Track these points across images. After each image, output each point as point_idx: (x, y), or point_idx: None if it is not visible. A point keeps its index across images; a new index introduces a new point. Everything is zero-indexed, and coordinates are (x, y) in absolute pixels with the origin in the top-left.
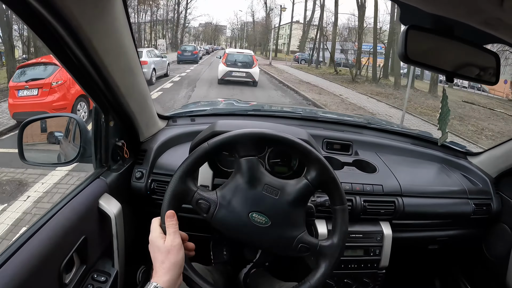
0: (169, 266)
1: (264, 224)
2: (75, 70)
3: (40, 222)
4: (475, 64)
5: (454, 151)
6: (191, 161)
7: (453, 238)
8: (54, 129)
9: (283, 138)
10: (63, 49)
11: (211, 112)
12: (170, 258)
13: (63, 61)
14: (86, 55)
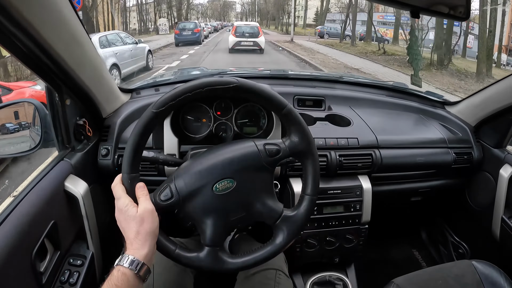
0: (145, 237)
1: (232, 187)
2: (12, 46)
3: (5, 212)
4: (445, 2)
5: (431, 101)
6: (138, 131)
7: (435, 189)
8: (4, 120)
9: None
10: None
11: (175, 80)
12: (146, 227)
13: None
14: (19, 29)
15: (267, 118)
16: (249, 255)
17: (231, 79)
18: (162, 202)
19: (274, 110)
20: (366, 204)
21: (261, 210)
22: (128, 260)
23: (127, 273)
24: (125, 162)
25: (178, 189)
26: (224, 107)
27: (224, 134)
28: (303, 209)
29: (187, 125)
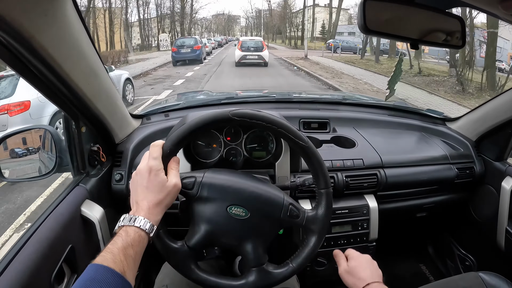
0: (164, 208)
1: (244, 217)
2: (36, 81)
3: (26, 236)
4: (440, 29)
5: (432, 118)
6: (207, 119)
7: (440, 204)
8: (13, 146)
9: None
10: (20, 61)
11: (184, 105)
12: (168, 199)
13: (22, 73)
14: (44, 65)
15: (276, 143)
16: (290, 264)
17: (303, 137)
18: (182, 187)
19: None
20: (373, 222)
21: (249, 251)
22: (145, 223)
23: (143, 235)
24: (176, 134)
25: (201, 186)
26: (233, 133)
27: (234, 159)
28: (282, 273)
29: (198, 150)
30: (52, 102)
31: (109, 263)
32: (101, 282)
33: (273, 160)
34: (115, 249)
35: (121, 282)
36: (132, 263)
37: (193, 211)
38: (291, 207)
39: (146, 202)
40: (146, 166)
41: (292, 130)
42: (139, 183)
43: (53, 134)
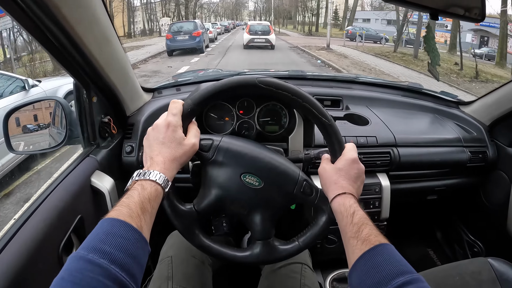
0: (178, 165)
1: (257, 186)
2: (48, 43)
3: (34, 205)
4: (460, 4)
5: (445, 101)
6: (234, 83)
7: (451, 187)
8: (26, 122)
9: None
10: (32, 21)
11: (195, 80)
12: (184, 158)
13: (34, 34)
14: (57, 26)
15: (289, 117)
16: (296, 241)
17: (327, 115)
18: (198, 149)
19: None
20: (385, 201)
21: (256, 223)
22: (161, 178)
23: (159, 189)
24: (198, 93)
25: (218, 149)
26: (246, 106)
27: (246, 133)
28: (287, 249)
29: (210, 123)
30: (62, 68)
31: (126, 218)
32: (118, 236)
33: (286, 134)
34: (131, 203)
35: (139, 238)
36: (149, 219)
37: (205, 174)
38: (305, 183)
39: (162, 157)
40: (164, 121)
41: (317, 106)
42: (155, 137)
43: (64, 106)
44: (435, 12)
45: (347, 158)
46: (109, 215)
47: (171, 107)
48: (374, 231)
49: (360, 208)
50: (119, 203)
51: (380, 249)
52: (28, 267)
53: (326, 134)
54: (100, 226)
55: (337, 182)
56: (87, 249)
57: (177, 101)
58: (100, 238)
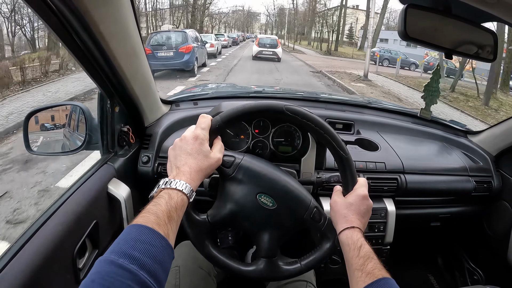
0: (203, 176)
1: (270, 207)
2: (80, 54)
3: (52, 208)
4: (473, 42)
5: (454, 129)
6: (262, 107)
7: (454, 215)
8: (44, 121)
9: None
10: (70, 34)
11: (213, 95)
12: (209, 171)
13: (68, 45)
14: (92, 40)
15: (302, 139)
16: (299, 263)
17: (345, 149)
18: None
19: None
20: (390, 226)
21: (264, 241)
22: (187, 188)
23: (184, 199)
24: (228, 112)
25: (239, 167)
26: (262, 126)
27: (260, 151)
28: (289, 270)
29: (226, 140)
30: (91, 79)
31: (154, 225)
32: (146, 243)
33: (298, 156)
34: (159, 211)
35: (166, 245)
36: (175, 227)
37: (223, 189)
38: (315, 210)
39: (188, 168)
40: (192, 133)
41: (337, 139)
42: (182, 148)
43: (85, 112)
44: (449, 51)
45: (358, 194)
46: (137, 221)
47: (200, 121)
48: (378, 265)
49: (366, 242)
50: (146, 210)
51: (383, 283)
52: (44, 267)
53: (342, 167)
54: (129, 232)
55: (346, 216)
56: (117, 253)
57: (206, 115)
58: (130, 244)
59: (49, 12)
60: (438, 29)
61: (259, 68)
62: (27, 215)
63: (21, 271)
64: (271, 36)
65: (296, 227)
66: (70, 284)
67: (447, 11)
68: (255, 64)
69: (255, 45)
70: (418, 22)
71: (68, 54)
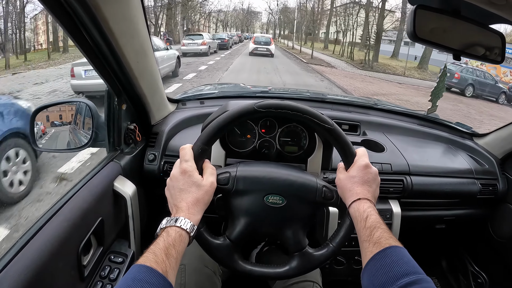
0: (203, 206)
1: (280, 204)
2: (90, 51)
3: (58, 205)
4: (481, 44)
5: (460, 132)
6: (234, 115)
7: (459, 218)
8: (51, 117)
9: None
10: (79, 30)
11: (220, 94)
12: (206, 198)
13: (78, 42)
14: (102, 36)
15: (308, 139)
16: (330, 244)
17: (328, 120)
18: (218, 184)
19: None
20: (395, 227)
21: (289, 237)
22: (186, 223)
23: (183, 234)
24: (205, 133)
25: (236, 180)
26: (268, 126)
27: (266, 151)
28: (323, 254)
29: (233, 139)
30: (100, 76)
31: (152, 263)
32: (143, 281)
33: (304, 156)
34: (157, 249)
35: (162, 282)
36: (174, 263)
37: (230, 205)
38: (324, 189)
39: (185, 203)
40: (179, 169)
41: (316, 115)
42: (175, 187)
43: (92, 109)
44: (457, 53)
45: (359, 164)
46: (138, 262)
47: (182, 154)
48: (385, 234)
49: (374, 211)
50: (147, 250)
51: (390, 251)
52: (49, 263)
53: (333, 139)
54: (129, 272)
55: (351, 189)
56: None
57: (185, 147)
58: (128, 284)
59: (60, 8)
60: (447, 30)
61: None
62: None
63: (26, 267)
64: (265, 35)
65: (313, 212)
66: (74, 281)
67: (456, 12)
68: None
69: (251, 42)
70: (427, 23)
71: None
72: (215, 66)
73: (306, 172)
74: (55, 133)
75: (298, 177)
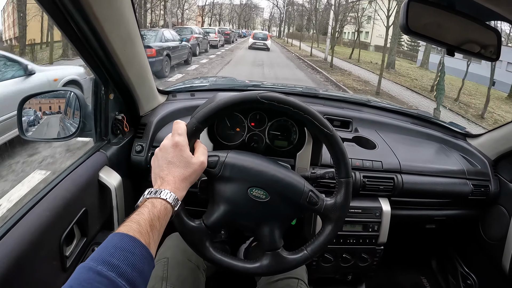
0: (188, 184)
1: (263, 199)
2: (75, 38)
3: (41, 193)
4: (476, 40)
5: (453, 132)
6: (236, 100)
7: (450, 218)
8: (39, 106)
9: (305, 109)
10: (63, 16)
11: (211, 87)
12: (193, 176)
13: (63, 28)
14: (86, 22)
15: (298, 134)
16: (304, 250)
17: (328, 125)
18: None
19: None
20: (384, 226)
21: (265, 234)
22: (172, 197)
23: (168, 208)
24: (202, 112)
25: (224, 165)
26: (258, 119)
27: (255, 145)
28: (296, 258)
29: (221, 132)
30: (86, 63)
31: (135, 233)
32: (126, 251)
33: (294, 151)
34: (141, 220)
35: (146, 254)
36: (157, 236)
37: (213, 190)
38: (310, 194)
39: (172, 177)
40: (171, 141)
41: (318, 118)
42: (163, 158)
43: (80, 98)
44: (452, 48)
45: None
46: (119, 230)
47: (175, 128)
48: None
49: None
50: (129, 219)
51: None
52: (30, 253)
53: (329, 145)
54: (110, 240)
55: None
56: (96, 260)
57: (180, 121)
58: (110, 252)
59: None
60: (441, 25)
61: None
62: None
63: (5, 255)
64: (263, 32)
65: (295, 215)
66: (56, 271)
67: (451, 6)
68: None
69: (250, 38)
70: (421, 17)
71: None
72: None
73: (296, 173)
74: (44, 122)
75: (287, 175)
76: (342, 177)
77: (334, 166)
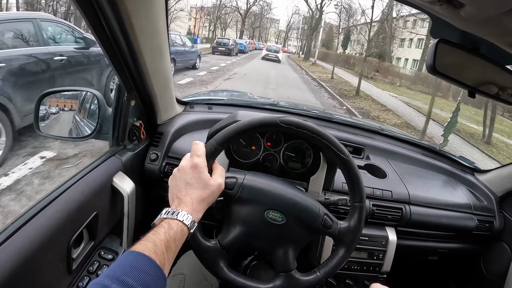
0: (206, 206)
1: (280, 222)
2: (107, 44)
3: (54, 194)
4: (495, 82)
5: (462, 166)
6: (256, 123)
7: (453, 251)
8: (57, 103)
9: (327, 137)
10: (100, 22)
11: (229, 102)
12: (211, 198)
13: (98, 33)
14: (122, 31)
15: (312, 158)
16: (317, 272)
17: (345, 151)
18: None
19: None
20: (389, 255)
21: (279, 256)
22: (189, 219)
23: (184, 230)
24: (222, 133)
25: (242, 187)
26: (275, 139)
27: (269, 165)
28: (309, 280)
29: (237, 149)
30: (113, 69)
31: (151, 253)
32: (141, 271)
33: (307, 174)
34: (157, 240)
35: (160, 275)
36: (172, 257)
37: (230, 211)
38: (325, 217)
39: (190, 198)
40: (189, 162)
41: (335, 143)
42: (182, 179)
43: (100, 100)
44: (472, 89)
45: None
46: (135, 248)
47: (194, 149)
48: None
49: None
50: (145, 238)
51: None
52: (38, 253)
53: (345, 170)
54: (125, 258)
55: None
56: (111, 278)
57: (198, 142)
58: (125, 270)
59: None
60: (464, 66)
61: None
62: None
63: (14, 254)
64: (276, 45)
65: (309, 237)
66: (62, 273)
67: (475, 49)
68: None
69: (264, 49)
70: (447, 57)
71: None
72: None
73: (311, 197)
74: (57, 117)
75: (303, 199)
76: (357, 201)
77: (349, 190)
